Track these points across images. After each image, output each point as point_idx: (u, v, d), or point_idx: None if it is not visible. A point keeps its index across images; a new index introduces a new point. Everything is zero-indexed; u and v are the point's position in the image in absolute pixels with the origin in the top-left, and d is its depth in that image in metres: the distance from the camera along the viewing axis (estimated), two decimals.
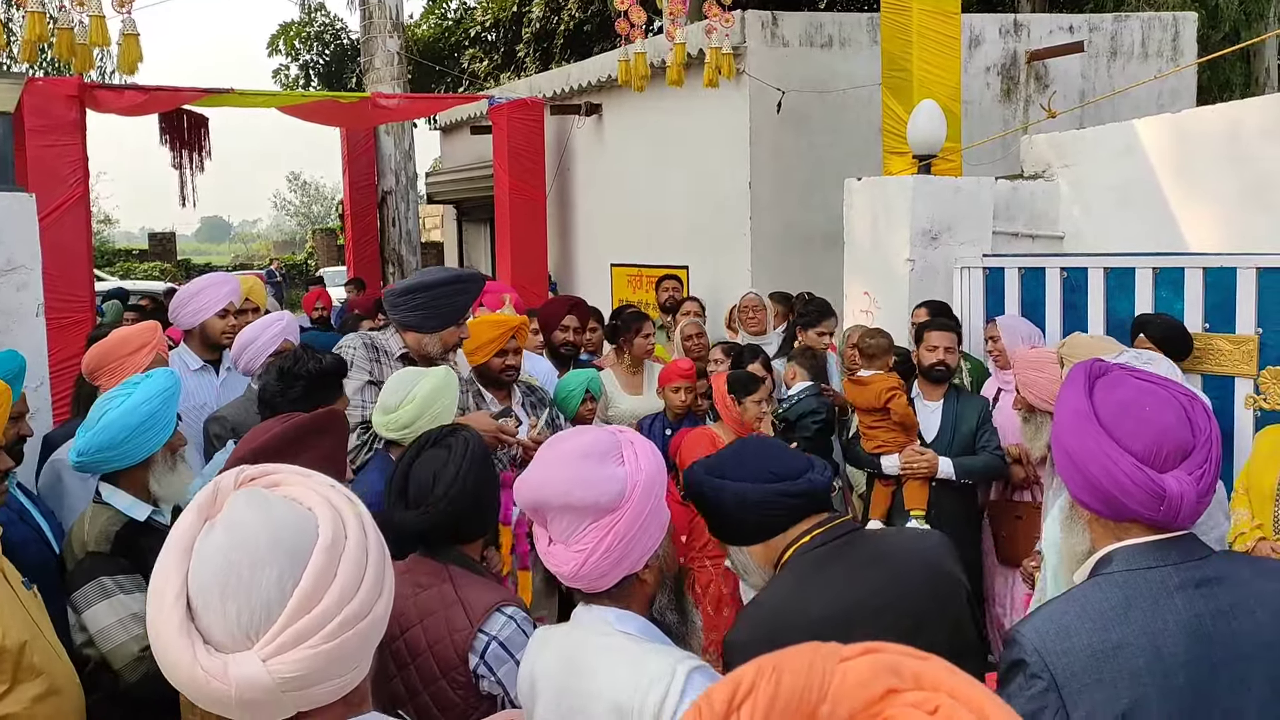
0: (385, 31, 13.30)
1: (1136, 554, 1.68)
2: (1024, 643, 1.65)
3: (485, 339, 3.85)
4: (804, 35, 8.31)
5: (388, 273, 13.82)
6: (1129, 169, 6.14)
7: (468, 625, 2.19)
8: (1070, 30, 8.98)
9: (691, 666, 1.72)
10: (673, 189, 9.19)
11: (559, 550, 1.82)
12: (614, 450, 1.86)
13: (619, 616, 1.85)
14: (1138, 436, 1.66)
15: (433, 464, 2.41)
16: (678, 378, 4.87)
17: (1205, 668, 1.60)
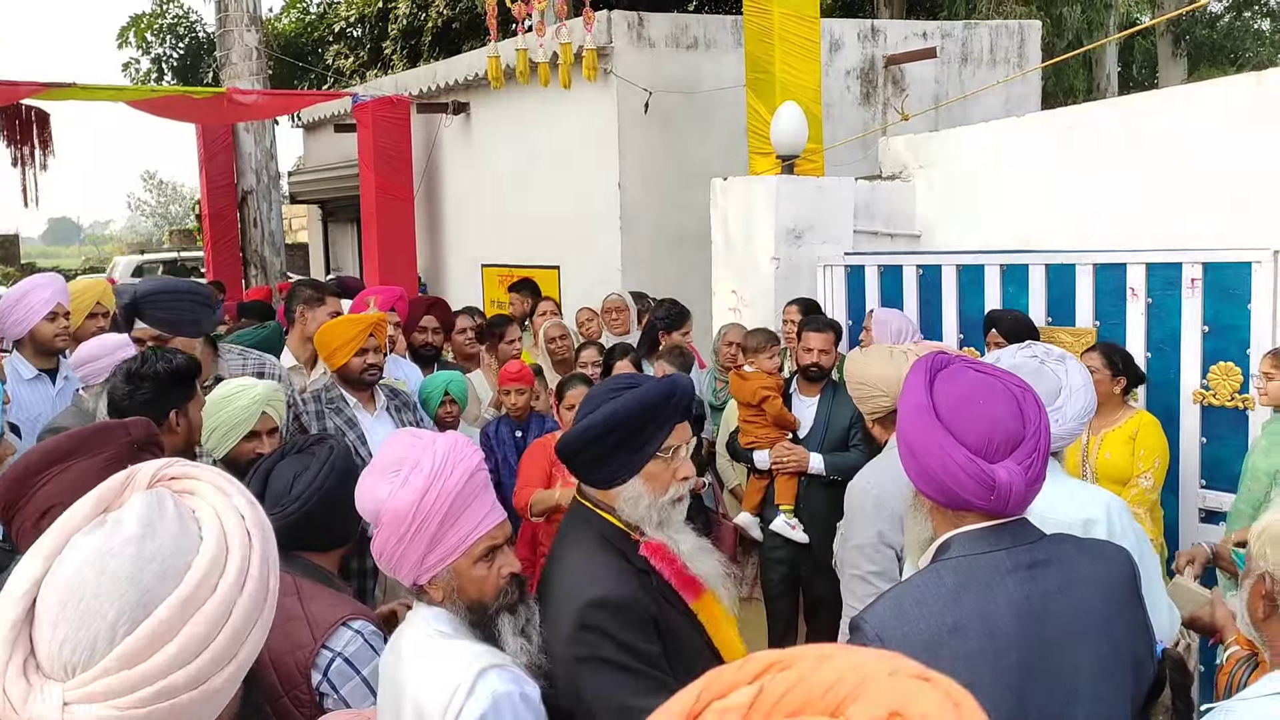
0: (242, 25, 12.83)
1: (972, 540, 1.74)
2: (866, 629, 1.71)
3: (344, 339, 3.75)
4: (670, 36, 8.39)
5: (250, 275, 13.33)
6: (979, 169, 6.41)
7: (311, 641, 2.14)
8: (924, 37, 9.33)
9: (483, 666, 1.75)
10: (543, 188, 9.15)
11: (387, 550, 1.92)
12: (399, 463, 1.90)
13: (435, 615, 1.89)
14: (971, 429, 1.71)
15: (292, 469, 2.38)
16: (508, 381, 4.86)
17: (1036, 646, 1.67)
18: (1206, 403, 4.63)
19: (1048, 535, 1.80)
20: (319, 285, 4.62)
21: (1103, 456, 4.15)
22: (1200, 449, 4.65)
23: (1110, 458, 4.10)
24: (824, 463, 4.64)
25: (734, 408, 5.05)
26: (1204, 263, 4.61)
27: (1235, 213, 5.13)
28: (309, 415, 3.85)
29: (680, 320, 5.72)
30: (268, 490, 2.36)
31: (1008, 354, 2.53)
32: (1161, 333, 4.76)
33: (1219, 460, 4.59)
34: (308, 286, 4.66)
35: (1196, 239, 5.01)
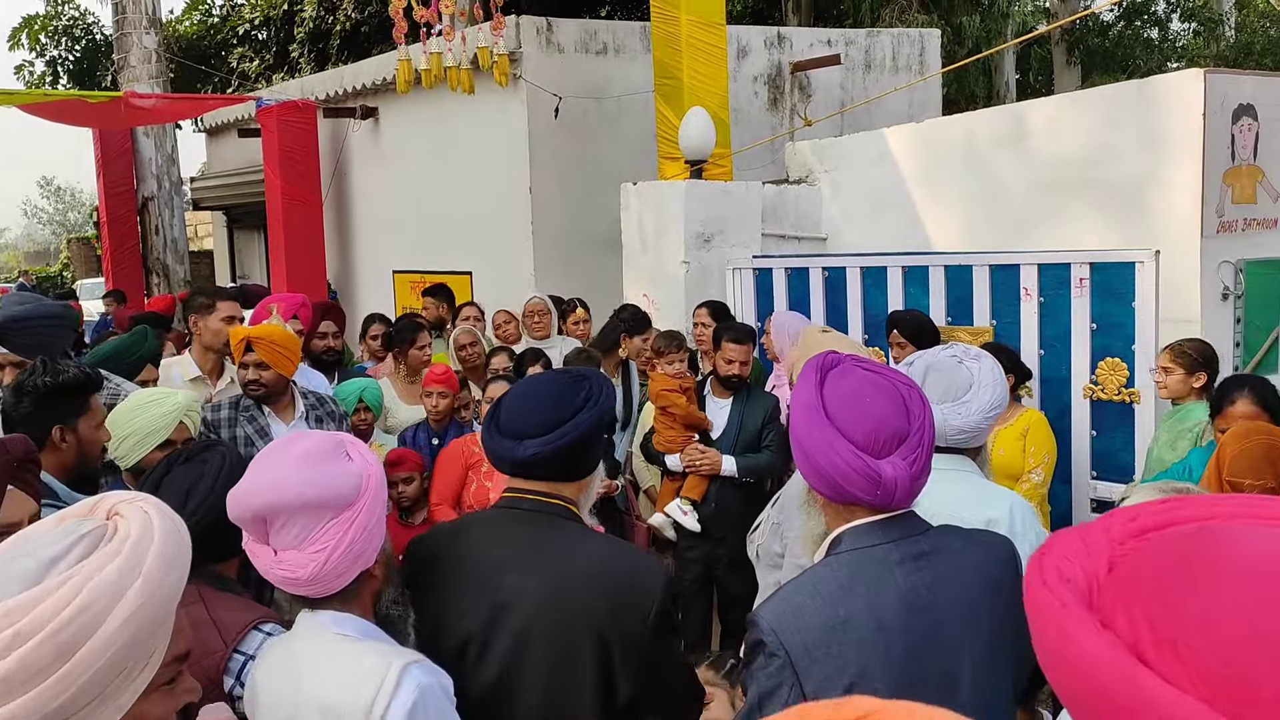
0: (141, 27, 12.48)
1: (862, 533, 1.79)
2: (762, 624, 1.75)
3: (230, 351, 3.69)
4: (579, 42, 8.42)
5: (152, 284, 12.96)
6: (881, 174, 6.59)
7: (221, 646, 2.12)
8: (829, 44, 9.53)
9: (405, 662, 1.75)
10: (454, 194, 9.09)
11: (292, 556, 1.80)
12: (339, 449, 1.90)
13: (335, 619, 1.87)
14: (858, 426, 1.76)
15: (184, 480, 2.33)
16: (431, 383, 4.83)
17: (922, 634, 1.73)
18: (1095, 397, 4.83)
19: (934, 527, 1.86)
20: (211, 292, 4.51)
21: (996, 453, 4.30)
22: (1090, 441, 4.85)
23: (1003, 454, 4.25)
24: (736, 464, 4.68)
25: (648, 410, 5.08)
26: (1091, 263, 4.81)
27: (1120, 214, 5.37)
28: (220, 423, 3.77)
29: (643, 325, 5.68)
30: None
31: (931, 353, 2.62)
32: (1053, 330, 4.95)
33: (1108, 452, 4.79)
34: (199, 294, 4.54)
35: (1085, 240, 5.23)
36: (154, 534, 1.17)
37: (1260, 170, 5.38)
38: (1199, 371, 4.01)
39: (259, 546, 1.85)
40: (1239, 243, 5.33)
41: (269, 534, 1.84)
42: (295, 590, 1.86)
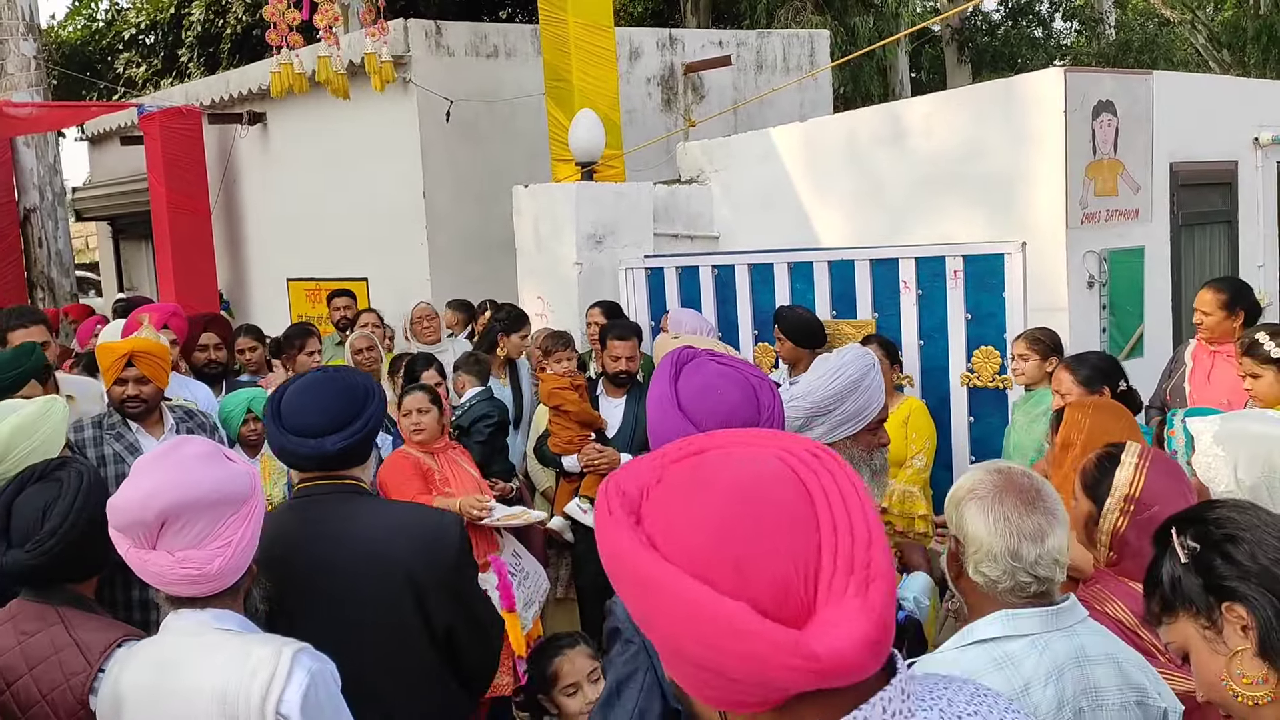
0: (18, 34, 11.97)
1: None
2: (617, 611, 1.81)
3: (104, 366, 3.59)
4: (469, 45, 8.38)
5: (37, 298, 12.46)
6: (769, 172, 6.71)
7: (85, 667, 2.10)
8: (720, 45, 9.67)
9: (296, 649, 1.85)
10: (346, 200, 8.96)
11: (192, 555, 1.87)
12: (219, 450, 2.01)
13: (216, 616, 1.94)
14: (710, 416, 1.84)
15: (41, 499, 2.27)
16: None
17: None
18: (972, 385, 5.00)
19: None
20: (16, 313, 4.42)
21: None
22: (969, 427, 5.02)
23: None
24: None
25: (542, 411, 5.09)
26: (964, 255, 4.98)
27: (991, 208, 5.57)
28: (85, 443, 3.65)
29: (518, 323, 5.71)
30: (12, 524, 2.25)
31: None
32: (931, 321, 5.11)
33: (985, 436, 4.96)
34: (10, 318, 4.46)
35: (960, 234, 5.41)
36: None
37: (1121, 164, 5.63)
38: (1051, 356, 4.20)
39: (148, 553, 1.88)
40: (1103, 233, 5.57)
41: (161, 538, 1.88)
42: (192, 590, 1.90)
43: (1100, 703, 1.78)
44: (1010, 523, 1.79)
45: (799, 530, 0.94)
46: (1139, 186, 5.75)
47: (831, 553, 0.92)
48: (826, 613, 0.91)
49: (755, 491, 0.96)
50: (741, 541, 0.92)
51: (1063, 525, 1.83)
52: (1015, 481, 1.85)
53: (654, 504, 0.99)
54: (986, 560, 1.80)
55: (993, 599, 1.83)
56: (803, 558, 0.92)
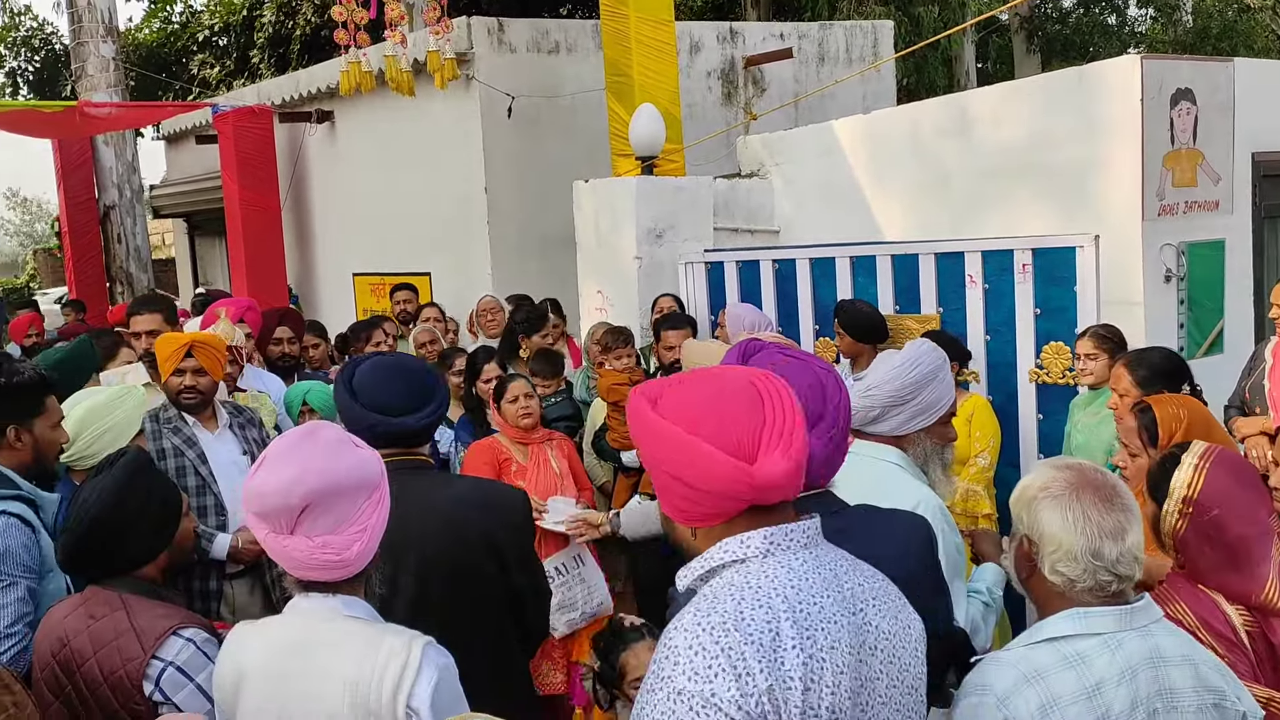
0: (98, 36, 12.34)
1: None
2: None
3: (162, 357, 3.64)
4: (531, 41, 8.42)
5: (116, 292, 12.85)
6: (831, 166, 6.63)
7: (140, 653, 2.16)
8: (781, 38, 9.57)
9: (424, 643, 1.89)
10: (410, 196, 9.07)
11: (331, 540, 1.87)
12: (347, 436, 2.03)
13: (346, 603, 1.95)
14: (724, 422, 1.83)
15: (85, 490, 2.35)
16: None
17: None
18: (1041, 381, 4.87)
19: (850, 506, 1.93)
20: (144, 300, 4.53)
21: None
22: (1037, 425, 4.90)
23: None
24: None
25: (599, 406, 5.09)
26: (1033, 249, 4.85)
27: (1062, 200, 5.43)
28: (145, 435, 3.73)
29: (539, 324, 5.74)
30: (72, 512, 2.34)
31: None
32: (998, 316, 4.99)
33: (1054, 434, 4.83)
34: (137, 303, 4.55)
35: (1028, 227, 5.28)
36: None
37: (1200, 153, 5.45)
38: (1119, 355, 4.07)
39: (287, 539, 1.88)
40: (1181, 225, 5.39)
41: (300, 523, 1.87)
42: (329, 575, 1.90)
43: (1175, 704, 1.74)
44: (1090, 520, 1.76)
45: (752, 412, 1.50)
46: (1219, 177, 5.56)
47: (769, 426, 1.49)
48: (763, 458, 1.47)
49: (726, 388, 1.53)
50: (717, 413, 1.49)
51: (1140, 522, 1.80)
52: (1090, 478, 1.81)
53: (666, 397, 1.55)
54: (1065, 560, 1.77)
55: (1065, 597, 1.80)
56: (753, 426, 1.49)
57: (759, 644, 1.37)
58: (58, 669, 2.20)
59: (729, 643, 1.37)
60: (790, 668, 1.37)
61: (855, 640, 1.44)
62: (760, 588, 1.43)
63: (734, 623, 1.39)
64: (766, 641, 1.38)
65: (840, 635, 1.42)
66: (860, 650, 1.44)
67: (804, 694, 1.36)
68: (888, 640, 1.49)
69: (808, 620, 1.41)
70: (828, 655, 1.40)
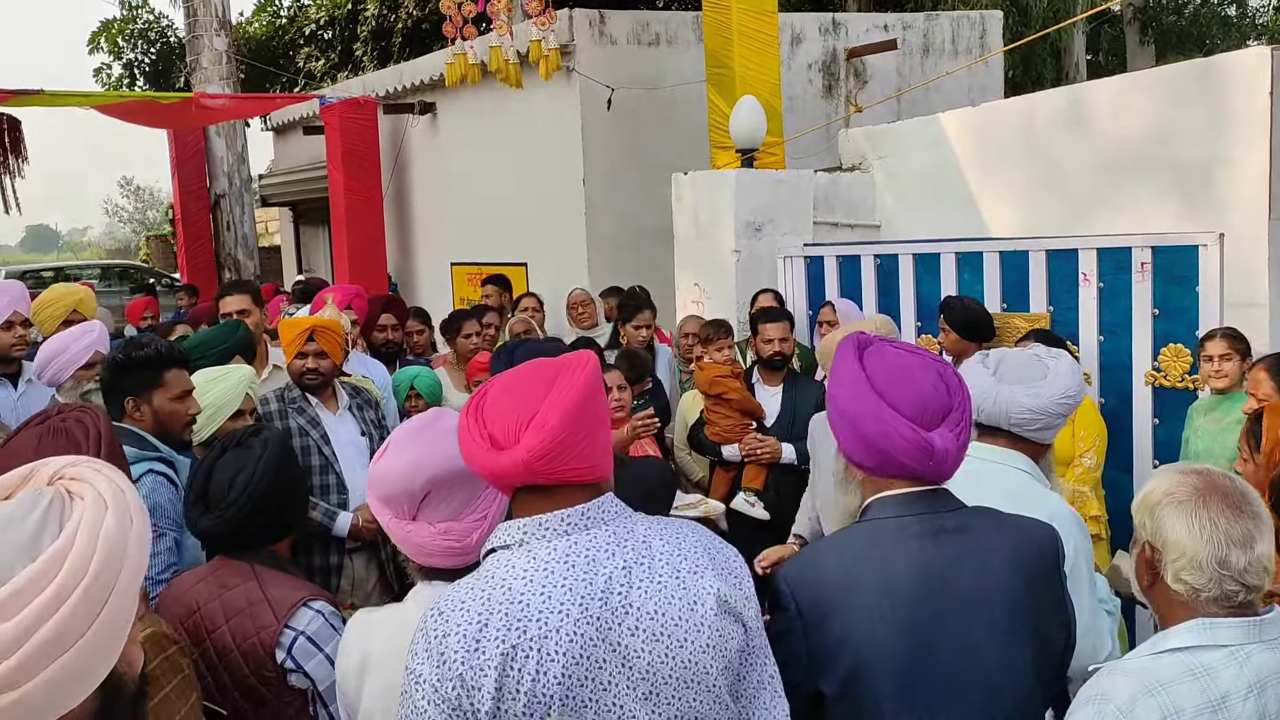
0: (211, 30, 12.79)
1: (888, 505, 1.85)
2: (778, 577, 1.86)
3: (286, 341, 3.78)
4: (631, 33, 8.43)
5: (224, 278, 13.32)
6: (936, 159, 6.48)
7: (274, 622, 2.21)
8: (885, 29, 9.40)
9: None
10: (509, 186, 9.18)
11: (452, 527, 1.88)
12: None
13: None
14: (906, 399, 1.82)
15: (233, 466, 2.40)
16: (478, 372, 4.88)
17: (933, 606, 1.77)
18: (1158, 384, 4.69)
19: (967, 506, 1.88)
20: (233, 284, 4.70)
21: None
22: (1152, 430, 4.72)
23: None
24: (795, 451, 4.61)
25: (690, 401, 5.07)
26: (1153, 247, 4.67)
27: (1185, 197, 5.21)
28: (271, 416, 3.85)
29: (632, 312, 5.73)
30: (210, 488, 2.39)
31: (1006, 349, 2.64)
32: (1113, 316, 4.82)
33: (1171, 440, 4.64)
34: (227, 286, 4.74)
35: (1147, 224, 5.08)
36: (117, 482, 1.20)
37: None
38: (1248, 358, 3.90)
39: (409, 524, 1.89)
40: None
41: (422, 509, 1.89)
42: (450, 561, 1.90)
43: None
44: (1218, 528, 1.69)
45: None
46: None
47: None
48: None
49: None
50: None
51: (1270, 531, 1.72)
52: (1218, 484, 1.74)
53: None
54: (1190, 568, 1.70)
55: (1189, 607, 1.74)
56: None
57: (463, 634, 1.51)
58: (185, 635, 2.28)
59: (439, 630, 1.53)
60: (488, 656, 1.48)
61: (594, 625, 1.51)
62: (493, 577, 1.55)
63: (450, 612, 1.54)
64: (471, 632, 1.50)
65: (561, 623, 1.50)
66: (605, 632, 1.52)
67: (500, 678, 1.48)
68: (651, 620, 1.53)
69: (524, 611, 1.51)
70: (534, 644, 1.49)
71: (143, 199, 55.91)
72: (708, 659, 1.56)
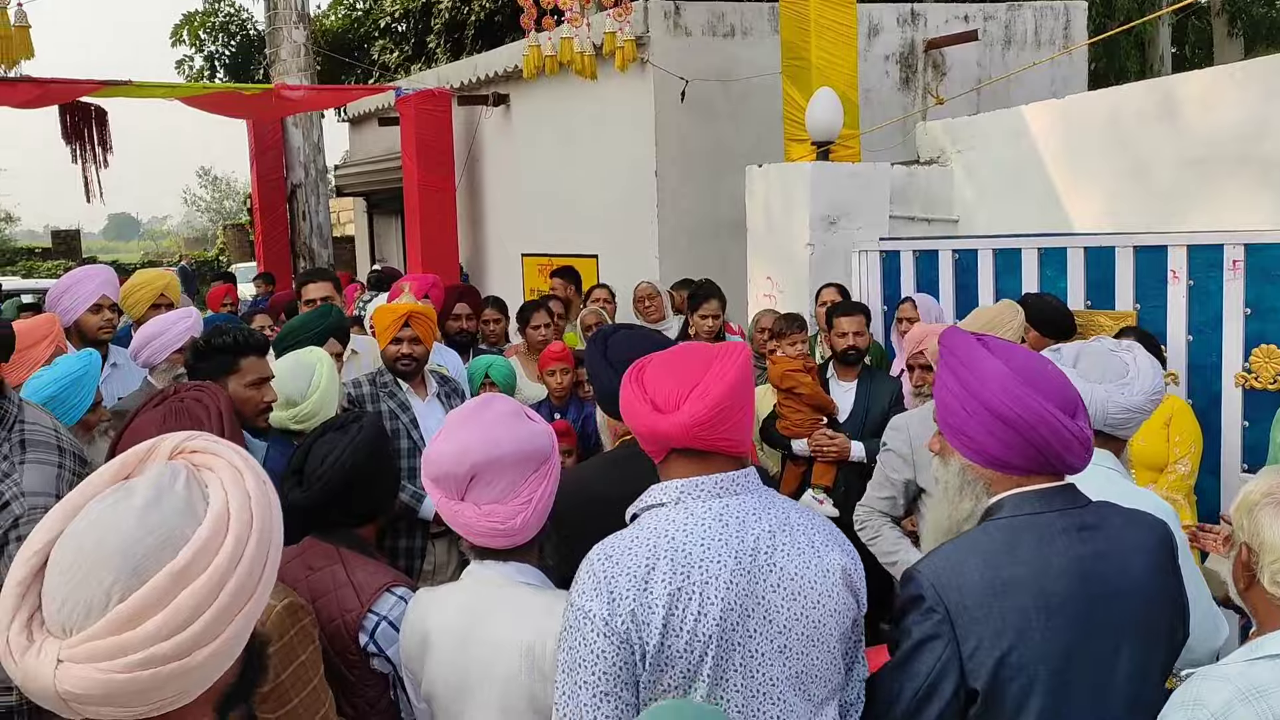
0: (290, 22, 13.04)
1: (1024, 500, 1.80)
2: (921, 579, 1.77)
3: (381, 326, 3.85)
4: (706, 24, 8.39)
5: (299, 267, 13.57)
6: (1018, 153, 6.34)
7: (358, 605, 2.24)
8: (965, 19, 9.22)
9: None
10: (580, 178, 9.20)
11: (497, 509, 1.95)
12: (521, 409, 2.09)
13: (518, 569, 2.02)
14: (1054, 392, 1.79)
15: (329, 445, 2.46)
16: (551, 361, 4.90)
17: (1083, 606, 1.72)
18: (1249, 386, 4.54)
19: (1094, 501, 1.85)
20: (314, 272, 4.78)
21: (1137, 443, 4.09)
22: (1242, 433, 4.57)
23: (1144, 444, 4.05)
24: (864, 449, 4.56)
25: (762, 395, 5.03)
26: (1246, 244, 4.52)
27: (1276, 194, 5.03)
28: (364, 399, 3.92)
29: (699, 301, 5.69)
30: (306, 465, 2.44)
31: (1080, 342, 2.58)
32: (1203, 315, 4.68)
33: (1261, 443, 4.49)
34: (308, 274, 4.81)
35: (1240, 221, 4.92)
36: (239, 452, 1.24)
37: None
38: None
39: (457, 504, 1.99)
40: None
41: (469, 490, 1.97)
42: (497, 542, 1.99)
43: None
44: None
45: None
46: None
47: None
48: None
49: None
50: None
51: None
52: None
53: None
54: None
55: None
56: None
57: (632, 575, 1.66)
58: None
59: (608, 572, 1.67)
60: (657, 596, 1.64)
61: (745, 578, 1.67)
62: (656, 528, 1.70)
63: (618, 556, 1.69)
64: (640, 574, 1.65)
65: (719, 572, 1.66)
66: (753, 585, 1.67)
67: (667, 616, 1.63)
68: (792, 581, 1.69)
69: (687, 558, 1.66)
70: (696, 589, 1.64)
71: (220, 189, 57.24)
72: (832, 623, 1.72)
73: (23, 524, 1.98)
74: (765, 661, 1.67)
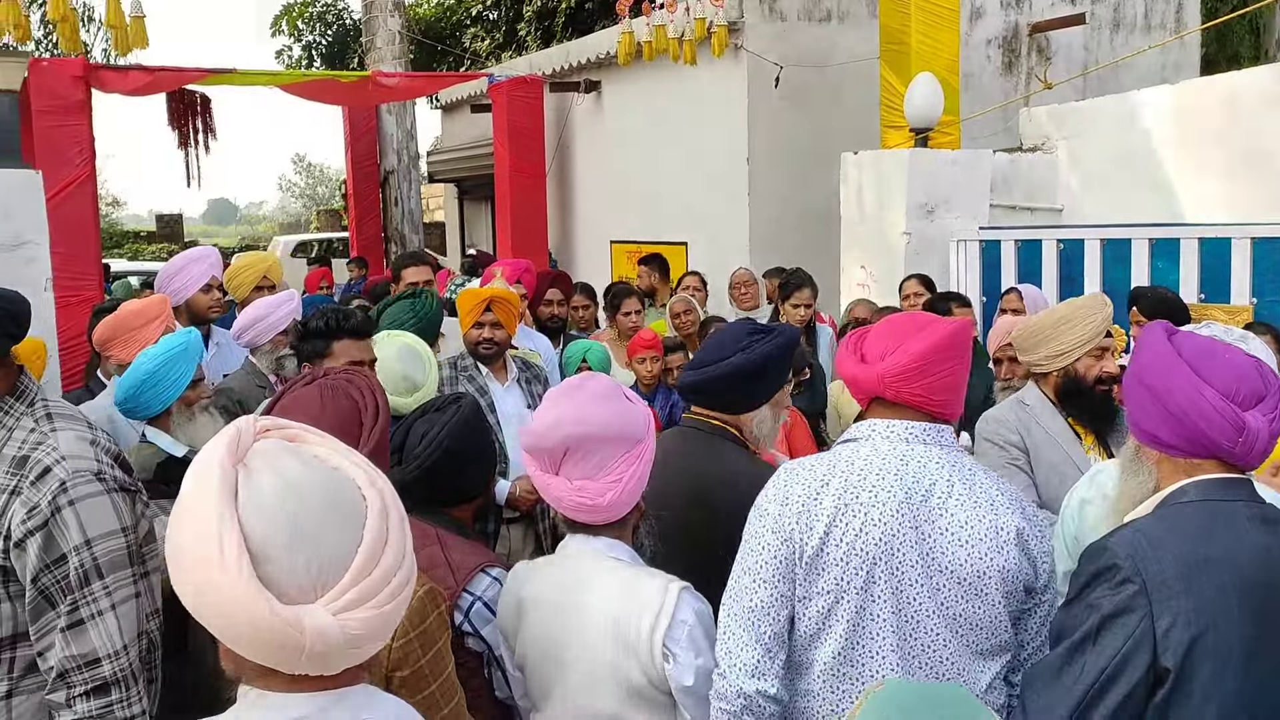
0: (386, 11, 13.25)
1: (1212, 487, 1.76)
2: (1117, 550, 1.71)
3: (464, 310, 3.87)
4: (802, 9, 8.26)
5: (391, 252, 13.82)
6: (1128, 140, 6.12)
7: (454, 585, 2.26)
8: (1072, 2, 8.91)
9: (680, 587, 1.98)
10: (671, 165, 9.16)
11: (587, 485, 2.01)
12: (619, 388, 2.13)
13: (609, 545, 2.08)
14: (1218, 375, 1.76)
15: (426, 425, 2.49)
16: (641, 349, 4.89)
17: (1268, 596, 1.66)
18: None
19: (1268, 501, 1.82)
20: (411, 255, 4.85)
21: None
22: None
23: None
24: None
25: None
26: None
27: None
28: (444, 381, 3.95)
29: (791, 290, 5.60)
30: (405, 444, 2.47)
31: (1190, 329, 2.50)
32: None
33: None
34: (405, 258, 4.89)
35: None
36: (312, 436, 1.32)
37: None
38: None
39: (550, 478, 2.05)
40: None
41: (563, 465, 2.04)
42: (584, 517, 2.06)
43: None
44: None
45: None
46: None
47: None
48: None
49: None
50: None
51: None
52: None
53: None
54: None
55: None
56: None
57: (806, 485, 1.92)
58: None
59: (787, 481, 1.95)
60: (824, 506, 1.88)
61: (913, 511, 1.84)
62: (840, 454, 1.94)
63: (798, 470, 1.96)
64: (814, 486, 1.91)
65: (888, 500, 1.85)
66: (919, 522, 1.84)
67: (829, 525, 1.87)
68: (960, 528, 1.84)
69: (860, 482, 1.88)
70: (862, 508, 1.85)
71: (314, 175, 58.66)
72: (995, 578, 1.84)
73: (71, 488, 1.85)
74: (918, 594, 1.83)
